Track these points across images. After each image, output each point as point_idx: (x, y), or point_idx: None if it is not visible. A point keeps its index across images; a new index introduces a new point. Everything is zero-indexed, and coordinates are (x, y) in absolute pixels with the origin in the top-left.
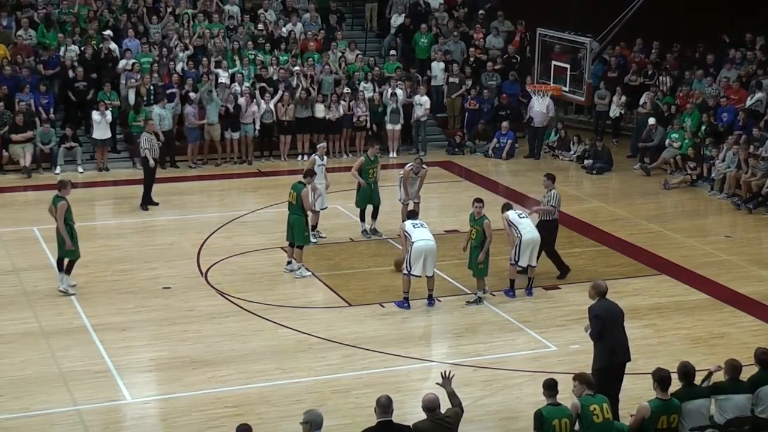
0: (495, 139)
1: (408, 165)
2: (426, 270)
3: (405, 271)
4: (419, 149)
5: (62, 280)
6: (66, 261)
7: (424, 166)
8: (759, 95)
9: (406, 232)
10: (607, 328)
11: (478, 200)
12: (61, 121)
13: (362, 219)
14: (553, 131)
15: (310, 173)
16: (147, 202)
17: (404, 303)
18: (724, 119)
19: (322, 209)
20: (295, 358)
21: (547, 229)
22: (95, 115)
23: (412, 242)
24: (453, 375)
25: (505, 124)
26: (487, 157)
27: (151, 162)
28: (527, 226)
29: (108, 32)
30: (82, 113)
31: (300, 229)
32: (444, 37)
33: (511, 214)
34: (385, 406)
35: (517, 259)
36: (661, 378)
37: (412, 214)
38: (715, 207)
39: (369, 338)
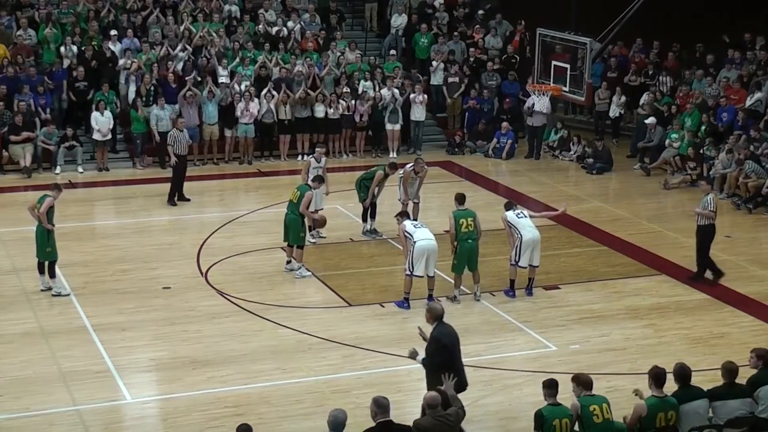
0: (495, 139)
1: (408, 165)
2: (428, 269)
3: (407, 272)
4: (417, 148)
5: (51, 283)
6: (46, 264)
7: (424, 166)
8: (759, 95)
9: (407, 232)
10: (452, 356)
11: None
12: (62, 121)
13: (364, 219)
14: (553, 131)
15: (319, 179)
16: (172, 198)
17: (404, 303)
18: (723, 119)
19: (317, 209)
20: (295, 358)
21: (703, 233)
22: (95, 115)
23: (414, 242)
24: (456, 379)
25: (505, 124)
26: (487, 157)
27: (173, 159)
28: (527, 226)
29: (113, 32)
30: (82, 113)
31: (296, 229)
32: (444, 37)
33: (510, 215)
34: (384, 406)
35: (517, 260)
36: (656, 375)
37: (405, 214)
38: None
39: (369, 338)
